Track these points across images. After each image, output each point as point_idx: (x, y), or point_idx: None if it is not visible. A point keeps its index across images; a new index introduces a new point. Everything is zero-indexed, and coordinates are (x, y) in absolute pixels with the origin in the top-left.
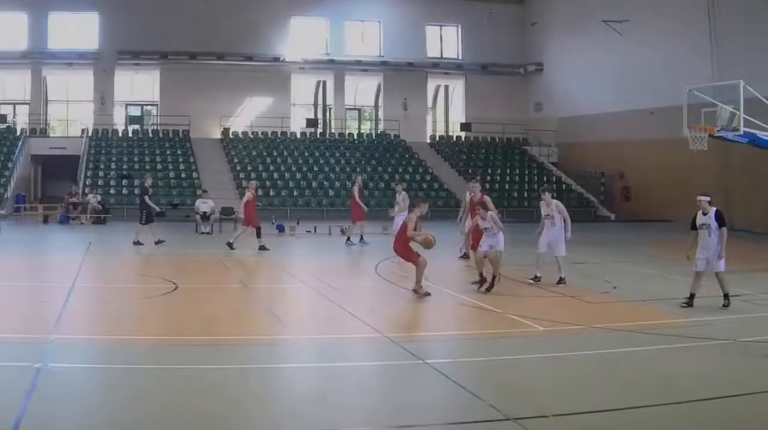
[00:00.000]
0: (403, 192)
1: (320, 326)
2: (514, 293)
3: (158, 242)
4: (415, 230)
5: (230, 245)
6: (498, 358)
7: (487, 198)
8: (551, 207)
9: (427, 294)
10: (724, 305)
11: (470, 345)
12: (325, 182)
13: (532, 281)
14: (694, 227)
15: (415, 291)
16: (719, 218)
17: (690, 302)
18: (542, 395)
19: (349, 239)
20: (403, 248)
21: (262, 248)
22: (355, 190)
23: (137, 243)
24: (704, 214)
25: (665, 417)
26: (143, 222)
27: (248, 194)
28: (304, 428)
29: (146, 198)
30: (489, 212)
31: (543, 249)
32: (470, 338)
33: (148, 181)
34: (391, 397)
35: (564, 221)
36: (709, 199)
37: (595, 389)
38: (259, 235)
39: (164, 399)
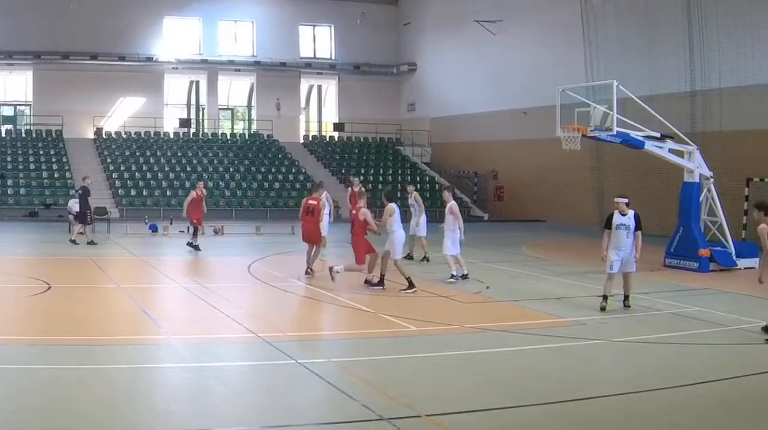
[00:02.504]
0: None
1: (193, 326)
2: (388, 293)
3: (73, 242)
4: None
5: (195, 247)
6: (371, 358)
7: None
8: (449, 206)
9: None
10: (626, 306)
11: (344, 345)
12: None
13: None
14: (608, 226)
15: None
16: (638, 220)
17: (605, 304)
18: (416, 395)
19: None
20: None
21: (190, 244)
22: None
23: (91, 243)
24: (623, 214)
25: (539, 417)
26: (89, 222)
27: (192, 193)
28: (177, 428)
29: (87, 199)
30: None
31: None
32: (344, 338)
33: (88, 181)
34: (264, 397)
35: (455, 221)
36: (627, 200)
37: (468, 389)
38: (194, 234)
39: (35, 399)
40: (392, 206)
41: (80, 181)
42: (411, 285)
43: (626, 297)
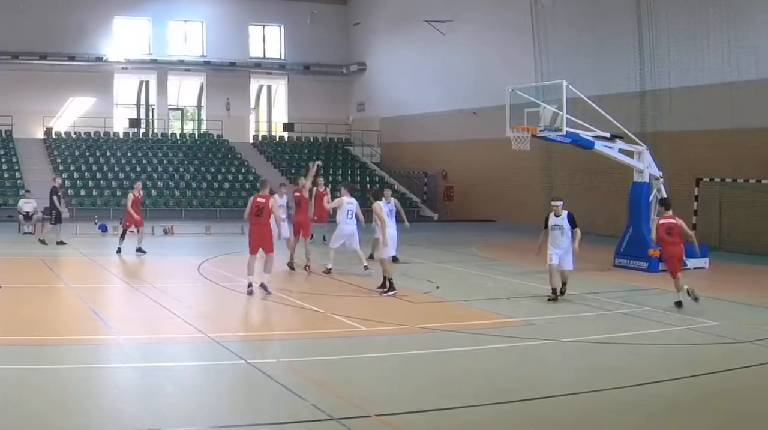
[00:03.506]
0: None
1: (143, 326)
2: (338, 293)
3: (59, 243)
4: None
5: (139, 251)
6: (321, 358)
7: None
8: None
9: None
10: (561, 292)
11: (294, 345)
12: (148, 182)
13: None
14: (546, 227)
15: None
16: (572, 219)
17: (555, 296)
18: (366, 395)
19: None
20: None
21: (119, 250)
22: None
23: (42, 242)
24: (557, 216)
25: (489, 417)
26: (53, 222)
27: (130, 195)
28: (127, 428)
29: (55, 198)
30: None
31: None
32: (294, 338)
33: (58, 182)
34: (214, 397)
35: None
36: (561, 203)
37: (418, 389)
38: (122, 237)
39: None
40: (379, 204)
41: (30, 181)
42: (391, 287)
43: (563, 284)
